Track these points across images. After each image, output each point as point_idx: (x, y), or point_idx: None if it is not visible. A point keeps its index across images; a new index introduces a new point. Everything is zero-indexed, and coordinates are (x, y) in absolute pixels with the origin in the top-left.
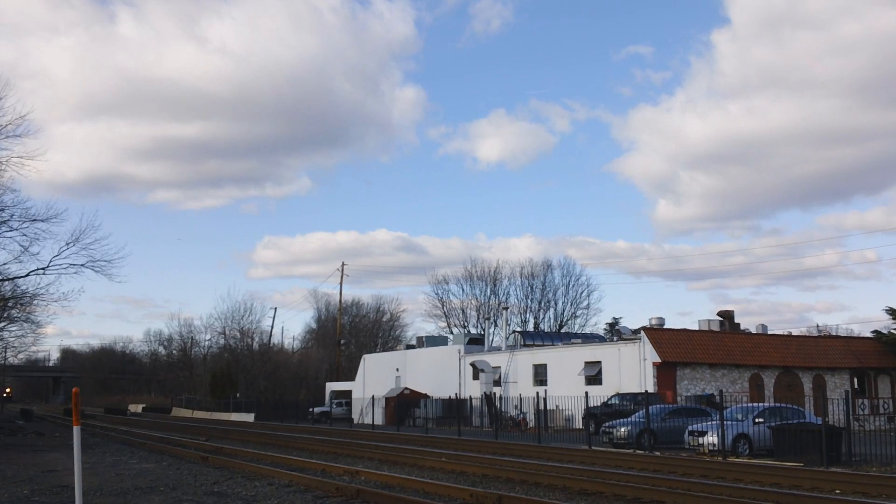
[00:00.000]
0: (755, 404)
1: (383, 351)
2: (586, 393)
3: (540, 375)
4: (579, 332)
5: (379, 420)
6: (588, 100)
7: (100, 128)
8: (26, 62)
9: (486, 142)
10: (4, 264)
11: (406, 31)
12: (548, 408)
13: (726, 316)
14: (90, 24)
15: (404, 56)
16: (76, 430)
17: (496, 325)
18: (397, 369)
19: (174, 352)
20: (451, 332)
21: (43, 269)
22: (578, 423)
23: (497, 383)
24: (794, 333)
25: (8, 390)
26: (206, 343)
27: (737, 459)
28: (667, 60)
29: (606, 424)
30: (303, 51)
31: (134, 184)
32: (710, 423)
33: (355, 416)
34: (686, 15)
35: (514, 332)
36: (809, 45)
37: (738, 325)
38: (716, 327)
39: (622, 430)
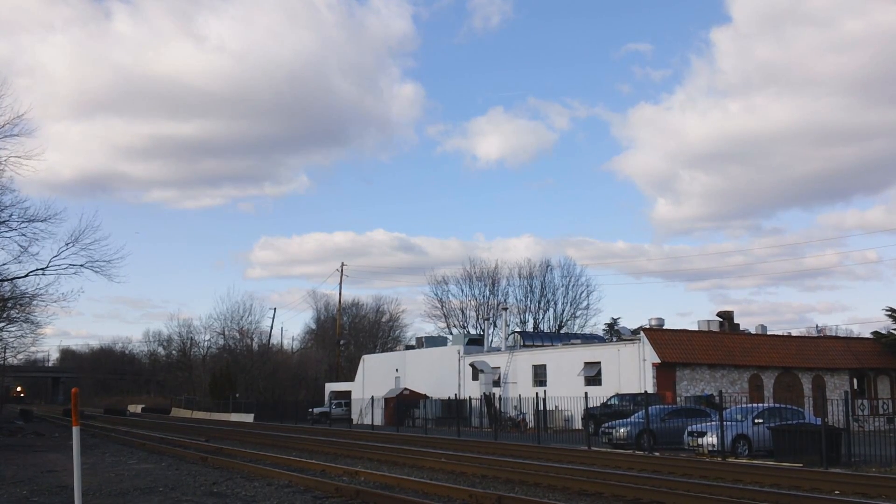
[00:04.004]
0: (754, 405)
1: (383, 351)
2: (586, 393)
3: (539, 376)
4: (579, 332)
5: (378, 420)
6: (587, 97)
7: (96, 126)
8: (21, 59)
9: (485, 140)
10: (4, 265)
11: (404, 27)
12: (547, 408)
13: (726, 316)
14: (86, 21)
15: (402, 53)
16: (75, 430)
17: (495, 325)
18: (397, 370)
19: (173, 352)
20: (451, 333)
21: (42, 269)
22: (578, 424)
23: (496, 384)
24: (793, 334)
25: (19, 389)
26: (206, 343)
27: (736, 460)
28: (667, 58)
29: (606, 425)
30: (300, 48)
31: (130, 183)
32: (709, 423)
33: (355, 416)
34: (686, 12)
35: (513, 332)
36: (811, 43)
37: (738, 325)
38: (715, 328)
39: (622, 430)
